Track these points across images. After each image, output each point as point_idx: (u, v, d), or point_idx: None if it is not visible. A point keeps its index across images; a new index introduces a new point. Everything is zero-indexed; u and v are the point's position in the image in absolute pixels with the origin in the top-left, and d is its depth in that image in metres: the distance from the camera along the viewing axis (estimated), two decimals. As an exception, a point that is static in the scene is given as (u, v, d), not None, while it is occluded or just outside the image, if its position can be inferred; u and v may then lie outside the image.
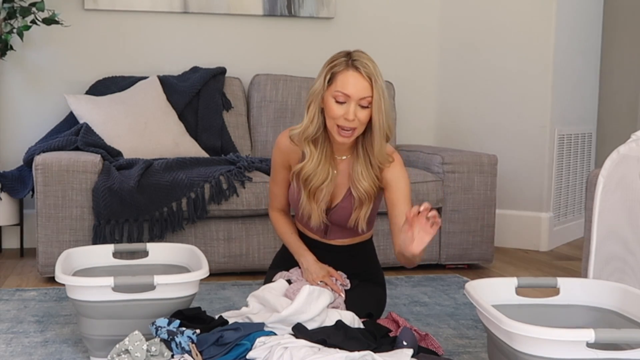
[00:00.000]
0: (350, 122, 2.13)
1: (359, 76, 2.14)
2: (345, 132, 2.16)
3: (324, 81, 2.16)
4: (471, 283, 1.96)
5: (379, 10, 4.23)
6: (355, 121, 2.14)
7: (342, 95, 2.13)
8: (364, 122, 2.16)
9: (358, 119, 2.14)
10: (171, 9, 3.94)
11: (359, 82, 2.13)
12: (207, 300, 2.82)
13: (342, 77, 2.14)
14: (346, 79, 2.13)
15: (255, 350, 1.90)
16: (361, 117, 2.14)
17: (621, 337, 1.63)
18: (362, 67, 2.14)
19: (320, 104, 2.19)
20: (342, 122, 2.14)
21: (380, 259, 3.37)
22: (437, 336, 2.40)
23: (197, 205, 3.15)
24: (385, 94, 2.17)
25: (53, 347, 2.28)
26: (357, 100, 2.13)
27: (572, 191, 4.32)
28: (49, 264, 3.05)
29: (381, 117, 2.15)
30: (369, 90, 2.14)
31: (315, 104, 2.19)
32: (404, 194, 2.27)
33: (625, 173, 2.20)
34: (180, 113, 3.73)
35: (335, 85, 2.14)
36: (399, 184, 2.26)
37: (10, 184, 3.50)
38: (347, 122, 2.14)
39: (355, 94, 2.13)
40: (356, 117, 2.14)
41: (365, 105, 2.14)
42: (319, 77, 2.19)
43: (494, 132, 4.12)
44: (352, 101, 2.13)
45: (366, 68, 2.14)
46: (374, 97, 2.14)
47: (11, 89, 3.82)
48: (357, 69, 2.14)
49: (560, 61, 4.03)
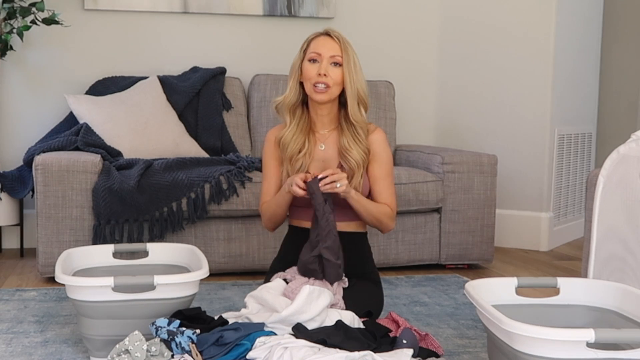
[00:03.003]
0: (322, 77, 2.33)
1: (329, 38, 2.39)
2: (319, 88, 2.35)
3: (301, 51, 2.42)
4: (471, 283, 1.96)
5: (379, 10, 4.23)
6: (328, 77, 2.33)
7: (314, 54, 2.37)
8: (337, 81, 2.36)
9: (330, 76, 2.34)
10: (171, 9, 3.94)
11: (329, 42, 2.38)
12: (207, 300, 2.82)
13: (315, 41, 2.41)
14: (318, 42, 2.40)
15: (255, 350, 1.90)
16: (333, 75, 2.35)
17: (621, 337, 1.63)
18: (333, 32, 2.40)
19: (299, 77, 2.41)
20: (316, 79, 2.35)
21: (380, 259, 3.39)
22: (437, 336, 2.40)
23: (197, 205, 3.15)
24: (357, 62, 2.39)
25: (53, 347, 2.28)
26: (328, 58, 2.35)
27: (572, 191, 4.32)
28: (49, 264, 3.05)
29: (352, 77, 2.36)
30: (339, 50, 2.36)
31: (295, 76, 2.42)
32: (385, 170, 2.44)
33: (625, 173, 2.20)
34: (180, 113, 3.73)
35: (309, 50, 2.40)
36: (381, 155, 2.43)
37: (10, 184, 3.50)
38: (319, 77, 2.34)
39: (326, 52, 2.36)
40: (328, 73, 2.33)
41: (337, 63, 2.36)
42: (298, 52, 2.43)
43: (494, 132, 4.12)
44: (324, 59, 2.35)
45: (336, 33, 2.40)
46: (344, 58, 2.36)
47: (11, 89, 3.82)
48: (328, 34, 2.40)
49: (560, 61, 4.03)
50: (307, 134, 2.43)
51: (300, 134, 2.42)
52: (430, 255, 3.48)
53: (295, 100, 2.42)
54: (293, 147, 2.40)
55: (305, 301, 2.05)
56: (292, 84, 2.42)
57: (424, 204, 3.42)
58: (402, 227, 3.42)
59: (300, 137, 2.41)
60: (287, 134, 2.41)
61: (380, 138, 2.44)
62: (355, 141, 2.39)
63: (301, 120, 2.44)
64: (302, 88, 2.42)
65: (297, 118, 2.43)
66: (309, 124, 2.45)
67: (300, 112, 2.44)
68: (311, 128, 2.45)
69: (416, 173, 3.45)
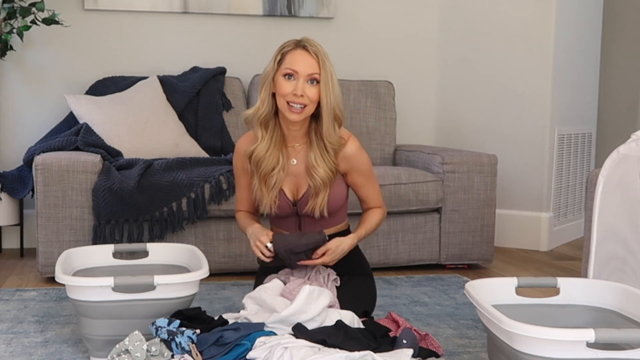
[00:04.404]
0: (298, 97, 2.21)
1: (307, 54, 2.24)
2: (295, 108, 2.22)
3: (274, 62, 2.26)
4: (471, 283, 1.96)
5: (379, 10, 4.23)
6: (304, 97, 2.21)
7: (290, 71, 2.22)
8: (313, 99, 2.23)
9: (307, 95, 2.21)
10: (171, 9, 3.94)
11: (307, 59, 2.23)
12: (207, 300, 2.82)
13: (291, 55, 2.25)
14: (294, 57, 2.24)
15: (255, 351, 1.90)
16: (310, 94, 2.22)
17: (621, 337, 1.63)
18: (310, 46, 2.24)
19: (271, 88, 2.27)
20: (291, 98, 2.22)
21: (380, 259, 3.39)
22: (437, 336, 2.40)
23: (197, 205, 3.15)
24: (334, 77, 2.25)
25: (53, 347, 2.28)
26: (305, 77, 2.22)
27: (572, 191, 4.32)
28: (49, 264, 3.05)
29: (329, 96, 2.23)
30: (317, 67, 2.22)
31: (267, 87, 2.27)
32: (366, 175, 2.38)
33: (625, 173, 2.20)
34: (180, 113, 3.73)
35: (284, 63, 2.24)
36: (359, 166, 2.36)
37: (10, 184, 3.50)
38: (295, 97, 2.21)
39: (303, 70, 2.22)
40: (305, 93, 2.21)
41: (314, 80, 2.23)
42: (270, 61, 2.28)
43: (494, 132, 4.12)
44: (301, 77, 2.22)
45: (314, 47, 2.25)
46: (322, 75, 2.23)
47: (11, 89, 3.82)
48: (305, 48, 2.25)
49: (560, 61, 4.03)
50: (281, 149, 2.32)
51: (274, 149, 2.30)
52: (430, 255, 3.48)
53: (267, 112, 2.28)
54: (267, 164, 2.30)
55: (305, 301, 2.05)
56: (263, 96, 2.27)
57: (424, 204, 3.42)
58: (402, 227, 3.42)
59: (274, 153, 2.30)
60: (260, 149, 2.29)
61: (353, 150, 2.33)
62: (322, 158, 2.29)
63: (274, 133, 2.31)
64: (274, 100, 2.28)
65: (270, 131, 2.30)
66: (282, 137, 2.33)
67: (273, 124, 2.31)
68: (284, 142, 2.34)
69: (416, 173, 3.45)
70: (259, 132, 2.31)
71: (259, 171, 2.32)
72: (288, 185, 2.35)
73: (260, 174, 2.32)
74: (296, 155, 2.34)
